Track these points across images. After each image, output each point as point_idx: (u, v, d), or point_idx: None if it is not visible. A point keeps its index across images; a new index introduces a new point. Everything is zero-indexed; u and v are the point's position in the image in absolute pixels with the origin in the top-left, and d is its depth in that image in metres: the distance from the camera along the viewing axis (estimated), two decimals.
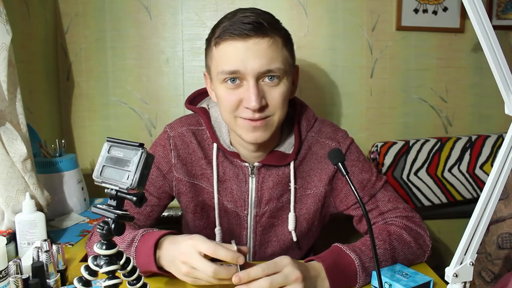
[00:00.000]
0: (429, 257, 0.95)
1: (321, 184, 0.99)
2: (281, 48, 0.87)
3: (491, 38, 0.60)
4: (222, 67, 0.86)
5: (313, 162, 1.00)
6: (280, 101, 0.88)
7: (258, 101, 0.84)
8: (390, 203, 0.98)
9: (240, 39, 0.83)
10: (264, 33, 0.83)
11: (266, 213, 1.00)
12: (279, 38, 0.87)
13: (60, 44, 1.60)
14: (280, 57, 0.86)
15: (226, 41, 0.84)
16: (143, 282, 0.64)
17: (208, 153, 0.99)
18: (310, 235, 1.06)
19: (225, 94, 0.88)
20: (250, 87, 0.84)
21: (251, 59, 0.83)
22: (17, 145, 1.02)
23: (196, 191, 1.01)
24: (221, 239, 1.01)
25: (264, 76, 0.86)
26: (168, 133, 1.01)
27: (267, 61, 0.84)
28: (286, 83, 0.89)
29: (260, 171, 0.98)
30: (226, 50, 0.85)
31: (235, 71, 0.85)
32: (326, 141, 1.00)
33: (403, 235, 0.90)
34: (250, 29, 0.82)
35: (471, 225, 0.64)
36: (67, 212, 1.28)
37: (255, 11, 0.87)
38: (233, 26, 0.84)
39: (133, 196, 0.56)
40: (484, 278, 1.20)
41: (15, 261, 0.75)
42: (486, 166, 1.63)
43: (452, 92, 1.71)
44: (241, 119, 0.89)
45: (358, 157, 1.01)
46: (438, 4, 1.62)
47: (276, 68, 0.85)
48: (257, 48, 0.83)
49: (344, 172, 0.77)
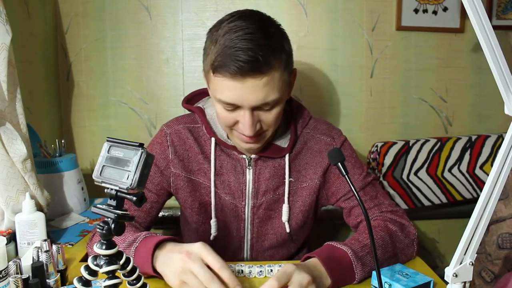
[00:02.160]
0: (418, 249, 0.96)
1: (315, 177, 1.03)
2: (278, 79, 0.86)
3: (491, 38, 0.60)
4: (219, 96, 0.87)
5: (309, 156, 1.03)
6: (275, 120, 0.91)
7: (253, 130, 0.88)
8: (376, 199, 1.02)
9: (237, 79, 0.83)
10: (260, 71, 0.82)
11: (263, 205, 1.02)
12: (277, 69, 0.85)
13: (60, 44, 1.60)
14: (276, 88, 0.86)
15: (223, 76, 0.84)
16: (143, 282, 0.64)
17: (205, 148, 1.02)
18: (305, 227, 1.09)
19: (223, 112, 0.90)
20: (246, 116, 0.87)
21: (247, 96, 0.84)
22: (17, 145, 1.02)
23: (193, 186, 1.02)
24: (216, 231, 1.02)
25: (259, 106, 0.87)
26: (165, 131, 1.03)
27: (263, 96, 0.85)
28: (282, 103, 0.91)
29: (257, 163, 1.01)
30: (223, 83, 0.85)
31: (231, 104, 0.87)
32: (321, 137, 1.04)
33: (388, 226, 0.94)
34: (247, 69, 0.81)
35: (471, 225, 0.64)
36: (67, 212, 1.29)
37: (253, 37, 0.82)
38: (230, 62, 0.81)
39: (133, 196, 0.56)
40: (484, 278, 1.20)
41: (15, 261, 0.75)
42: (486, 166, 1.63)
43: (452, 92, 1.71)
44: (236, 132, 0.93)
45: (351, 154, 1.06)
46: (438, 4, 1.62)
47: (271, 100, 0.87)
48: (253, 86, 0.83)
49: (343, 172, 0.77)
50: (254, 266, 0.86)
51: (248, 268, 0.86)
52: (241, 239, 1.05)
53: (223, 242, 1.05)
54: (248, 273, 0.85)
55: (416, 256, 0.97)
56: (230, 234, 1.04)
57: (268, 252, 1.08)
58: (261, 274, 0.85)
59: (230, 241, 1.05)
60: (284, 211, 1.02)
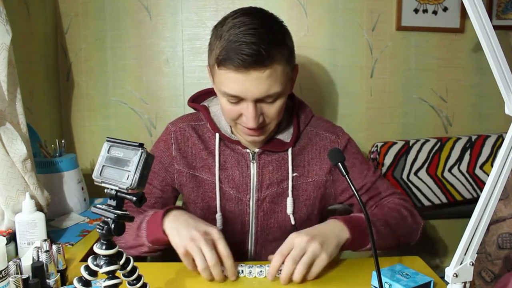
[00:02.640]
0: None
1: (322, 173, 1.06)
2: (280, 72, 0.89)
3: (491, 38, 0.60)
4: (223, 88, 0.90)
5: (314, 152, 1.06)
6: (277, 113, 0.94)
7: (256, 122, 0.91)
8: (389, 189, 1.09)
9: (241, 72, 0.86)
10: (263, 65, 0.85)
11: (267, 198, 1.04)
12: (280, 62, 0.88)
13: (60, 44, 1.60)
14: (279, 81, 0.89)
15: (227, 68, 0.87)
16: (143, 282, 0.64)
17: (209, 145, 1.05)
18: (308, 223, 1.10)
19: (227, 105, 0.94)
20: (249, 109, 0.90)
21: (250, 88, 0.87)
22: (17, 145, 1.02)
23: (196, 182, 1.05)
24: (221, 225, 1.05)
25: (262, 98, 0.90)
26: (170, 129, 1.07)
27: (266, 88, 0.88)
28: (284, 97, 0.94)
29: (260, 157, 1.03)
30: (227, 76, 0.88)
31: (235, 96, 0.90)
32: (326, 134, 1.08)
33: (401, 210, 1.01)
34: (250, 62, 0.84)
35: (471, 225, 0.64)
36: (67, 212, 1.28)
37: (257, 32, 0.85)
38: (236, 56, 0.84)
39: (133, 196, 0.56)
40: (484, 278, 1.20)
41: (15, 261, 0.75)
42: (486, 166, 1.63)
43: (452, 92, 1.71)
44: (240, 125, 0.96)
45: (358, 150, 1.10)
46: (438, 4, 1.62)
47: (274, 93, 0.89)
48: (257, 78, 0.86)
49: (344, 172, 0.77)
50: (255, 266, 0.86)
51: (248, 268, 0.86)
52: (245, 233, 1.07)
53: (228, 235, 1.05)
54: (248, 273, 0.86)
55: (416, 256, 0.97)
56: (235, 227, 1.06)
57: (272, 245, 1.08)
58: (261, 274, 0.86)
59: (235, 234, 1.06)
60: (289, 204, 1.04)
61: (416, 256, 0.97)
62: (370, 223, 0.73)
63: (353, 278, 0.85)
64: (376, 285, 0.80)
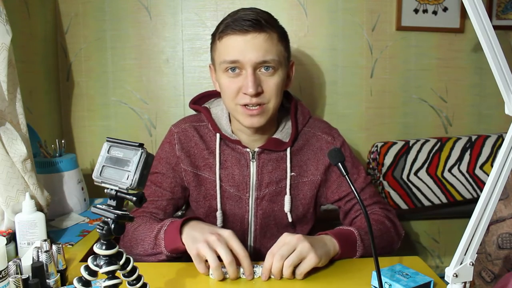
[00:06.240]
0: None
1: (317, 173, 1.09)
2: (276, 43, 0.98)
3: (491, 38, 0.60)
4: (224, 57, 0.97)
5: (310, 153, 1.10)
6: (275, 89, 0.99)
7: (255, 88, 0.95)
8: (375, 197, 1.12)
9: (240, 34, 0.95)
10: (261, 29, 0.95)
11: (266, 196, 1.07)
12: (275, 34, 0.98)
13: (60, 44, 1.60)
14: (275, 50, 0.97)
15: (228, 35, 0.96)
16: (143, 282, 0.64)
17: (210, 144, 1.08)
18: (305, 221, 1.14)
19: (227, 82, 0.99)
20: (248, 75, 0.96)
21: (249, 51, 0.95)
22: (17, 145, 1.02)
23: (199, 181, 1.08)
24: (221, 223, 1.07)
25: (260, 66, 0.97)
26: (173, 130, 1.11)
27: (263, 53, 0.95)
28: (281, 74, 1.00)
29: (260, 156, 1.06)
30: (228, 43, 0.97)
31: (235, 61, 0.96)
32: (322, 135, 1.11)
33: (385, 222, 1.05)
34: (249, 25, 0.94)
35: (471, 225, 0.64)
36: (67, 212, 1.28)
37: (255, 10, 0.99)
38: (235, 22, 0.96)
39: (132, 196, 0.56)
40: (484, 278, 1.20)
41: (15, 261, 0.75)
42: (486, 166, 1.63)
43: (452, 92, 1.72)
44: (240, 106, 0.99)
45: (350, 154, 1.13)
46: (438, 4, 1.62)
47: (271, 59, 0.96)
48: (255, 41, 0.95)
49: (344, 172, 0.77)
50: (255, 267, 0.86)
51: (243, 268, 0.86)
52: (245, 230, 1.09)
53: None
54: (242, 273, 0.85)
55: (416, 256, 0.97)
56: (235, 225, 1.08)
57: (271, 243, 1.09)
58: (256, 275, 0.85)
59: (235, 232, 1.06)
60: (287, 202, 1.07)
61: (416, 256, 0.97)
62: (370, 224, 0.73)
63: (353, 278, 0.85)
64: (376, 285, 0.80)
